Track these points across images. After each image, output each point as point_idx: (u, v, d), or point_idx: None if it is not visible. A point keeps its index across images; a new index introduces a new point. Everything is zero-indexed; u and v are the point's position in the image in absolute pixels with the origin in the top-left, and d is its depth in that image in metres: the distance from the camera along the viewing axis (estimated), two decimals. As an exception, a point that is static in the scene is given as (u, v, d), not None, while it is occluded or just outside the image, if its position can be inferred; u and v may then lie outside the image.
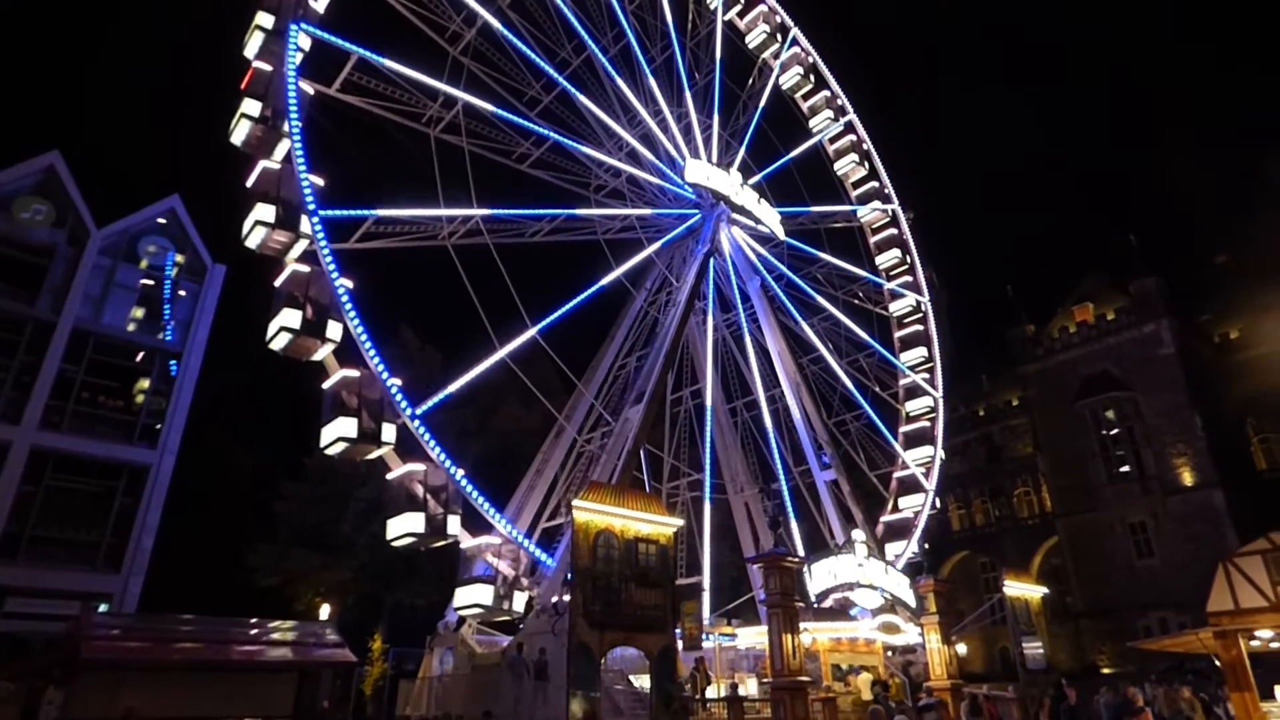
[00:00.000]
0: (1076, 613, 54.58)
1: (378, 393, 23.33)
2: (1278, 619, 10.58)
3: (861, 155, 45.55)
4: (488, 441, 42.52)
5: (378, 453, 23.43)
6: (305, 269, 23.24)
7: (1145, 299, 56.12)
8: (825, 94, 45.29)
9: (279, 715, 15.14)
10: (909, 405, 42.40)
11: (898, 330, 44.30)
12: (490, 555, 24.37)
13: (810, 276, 40.52)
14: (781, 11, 44.14)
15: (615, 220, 33.40)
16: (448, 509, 23.76)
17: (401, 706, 27.75)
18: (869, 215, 45.34)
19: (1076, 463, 56.27)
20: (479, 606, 24.09)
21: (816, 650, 26.83)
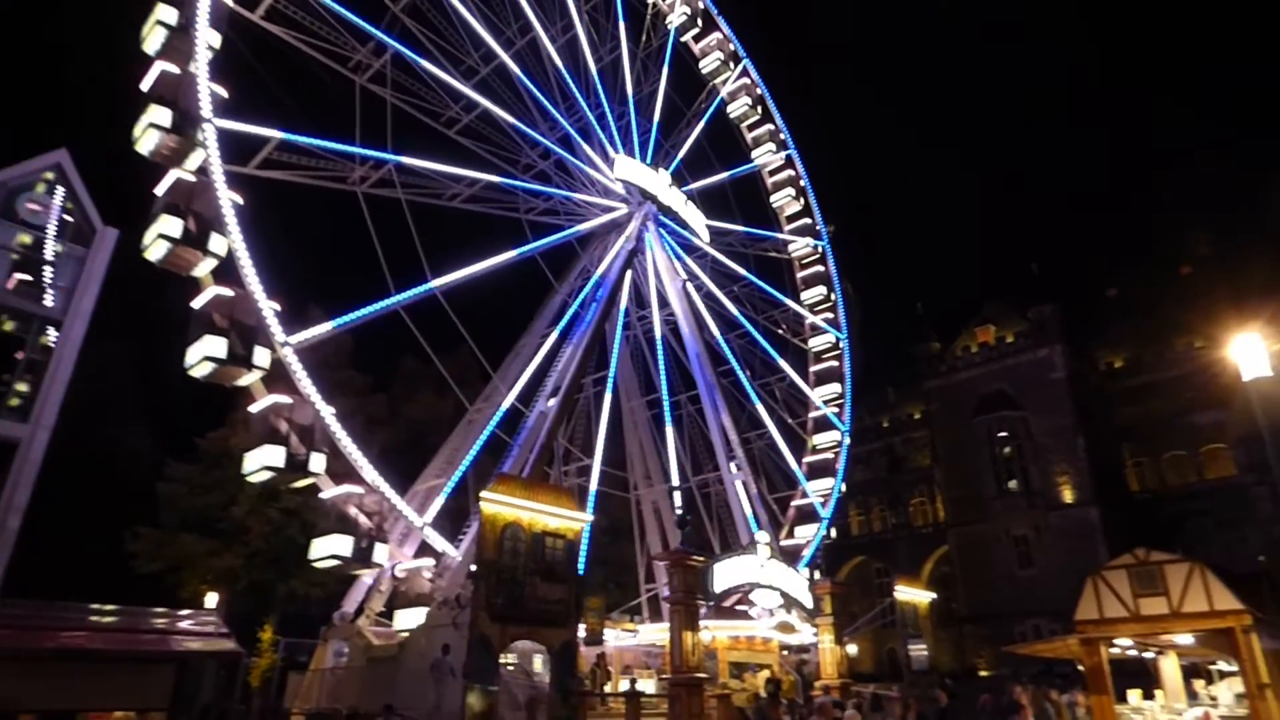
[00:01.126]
0: (960, 618, 57.54)
1: (252, 316, 22.40)
2: (1136, 628, 11.44)
3: (798, 190, 46.68)
4: (398, 431, 41.50)
5: (248, 378, 22.49)
6: (191, 178, 22.14)
7: (1042, 325, 59.60)
8: (770, 127, 46.39)
9: (155, 707, 14.36)
10: (817, 439, 43.30)
11: (814, 364, 45.27)
12: (351, 505, 23.58)
13: (732, 295, 41.16)
14: (735, 41, 45.11)
15: (539, 200, 33.08)
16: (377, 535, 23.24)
17: (291, 698, 26.77)
18: (800, 250, 46.45)
19: (970, 476, 59.28)
20: (336, 558, 23.24)
21: (715, 648, 27.38)
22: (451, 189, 29.73)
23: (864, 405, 62.20)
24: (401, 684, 22.03)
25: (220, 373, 21.96)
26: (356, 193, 26.58)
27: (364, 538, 23.07)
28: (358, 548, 22.85)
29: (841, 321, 45.99)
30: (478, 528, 22.05)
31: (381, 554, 23.54)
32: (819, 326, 45.00)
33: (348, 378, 39.46)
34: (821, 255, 46.56)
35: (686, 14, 43.84)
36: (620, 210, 36.38)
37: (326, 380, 27.61)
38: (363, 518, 23.40)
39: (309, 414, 22.73)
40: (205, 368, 21.65)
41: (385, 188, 27.24)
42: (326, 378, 30.71)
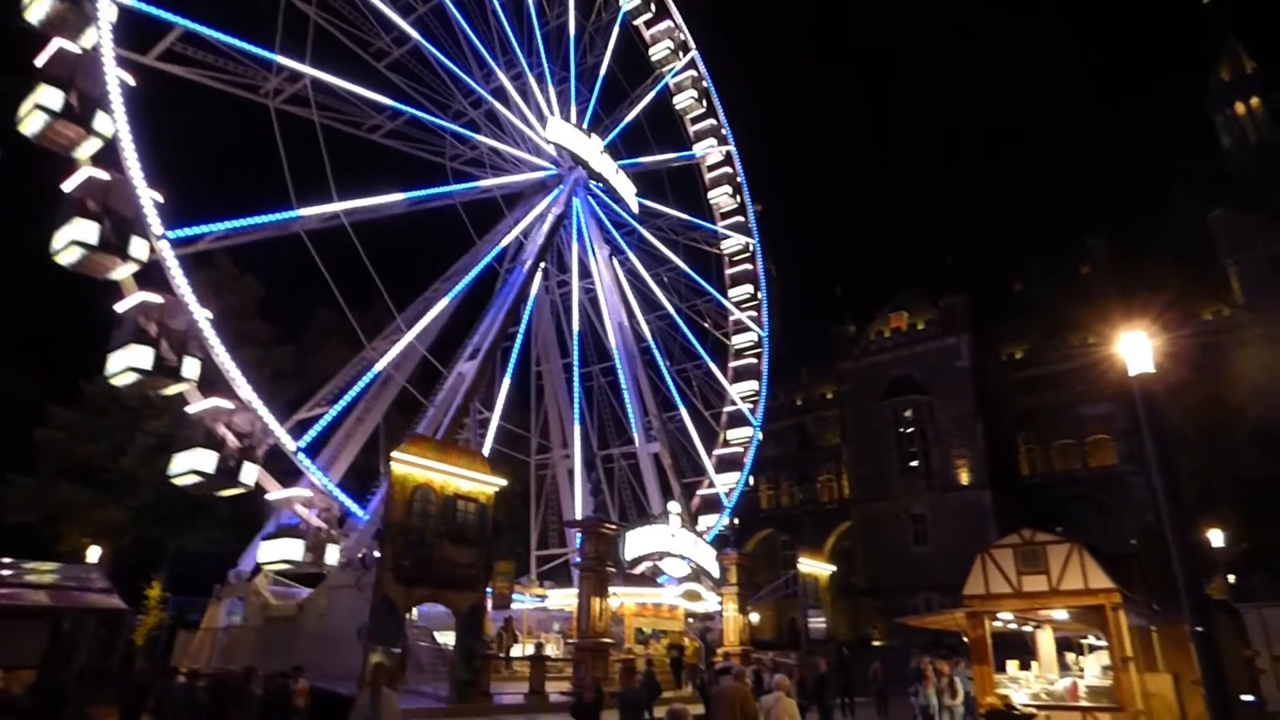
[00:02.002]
0: (858, 590, 60.22)
1: (184, 323, 21.15)
2: (1018, 604, 12.12)
3: (735, 188, 46.82)
4: (306, 384, 39.87)
5: (176, 389, 21.35)
6: (75, 50, 20.40)
7: (951, 314, 62.14)
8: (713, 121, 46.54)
9: (25, 665, 13.46)
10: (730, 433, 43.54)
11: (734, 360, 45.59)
12: (300, 507, 22.92)
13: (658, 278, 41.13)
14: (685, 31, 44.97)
15: (466, 147, 32.04)
16: (247, 455, 21.98)
17: (178, 658, 25.72)
18: (731, 248, 46.75)
19: (876, 456, 61.72)
20: (288, 562, 22.63)
21: (622, 614, 27.76)
22: (372, 119, 28.25)
23: (779, 383, 63.70)
24: (300, 645, 21.47)
25: (90, 261, 20.15)
26: (268, 106, 24.73)
27: (231, 456, 21.76)
28: (223, 464, 21.53)
29: (764, 320, 46.73)
30: (387, 488, 21.52)
31: (250, 474, 22.14)
32: (742, 323, 45.45)
33: (255, 328, 37.63)
34: (751, 254, 46.99)
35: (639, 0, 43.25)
36: (550, 171, 35.69)
37: (232, 330, 26.25)
38: (231, 437, 22.08)
39: (184, 318, 21.16)
40: (73, 253, 19.85)
41: (300, 105, 25.23)
42: (232, 327, 29.26)
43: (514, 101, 34.28)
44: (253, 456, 22.22)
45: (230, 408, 21.87)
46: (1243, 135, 63.30)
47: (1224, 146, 64.42)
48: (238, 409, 21.96)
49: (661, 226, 42.29)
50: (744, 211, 47.13)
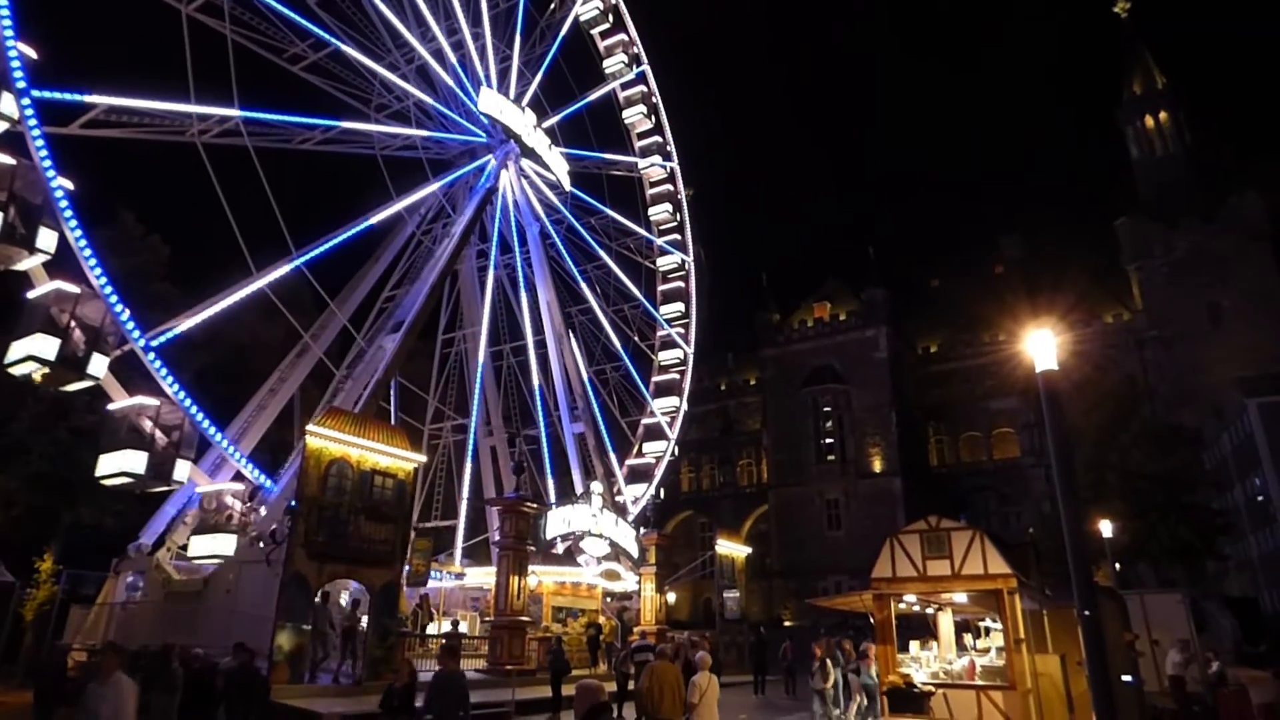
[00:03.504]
0: (772, 572, 62.02)
1: (98, 315, 19.89)
2: (922, 586, 12.71)
3: (650, 108, 46.59)
4: (216, 353, 38.15)
5: (83, 384, 20.18)
6: (9, 161, 18.92)
7: (872, 307, 64.14)
8: (622, 37, 45.39)
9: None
10: (662, 356, 45.07)
11: (661, 284, 46.51)
12: (145, 418, 21.49)
13: (589, 226, 41.18)
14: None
15: (396, 138, 31.21)
16: (179, 450, 21.08)
17: (71, 634, 24.42)
18: (649, 169, 46.68)
19: (794, 442, 63.43)
20: (128, 475, 21.03)
21: (541, 593, 27.85)
22: (295, 47, 27.26)
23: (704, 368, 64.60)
24: (204, 622, 20.70)
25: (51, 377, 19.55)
26: (196, 145, 23.74)
27: (161, 454, 20.92)
28: (153, 463, 20.69)
29: (688, 242, 47.03)
30: (300, 462, 20.86)
31: (182, 470, 21.39)
32: (671, 340, 45.74)
33: (162, 291, 35.67)
34: (670, 175, 46.98)
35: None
36: (481, 149, 34.93)
37: (137, 294, 24.89)
38: (159, 433, 21.22)
39: (99, 309, 20.19)
40: (28, 366, 19.14)
41: (230, 137, 24.53)
42: (137, 290, 27.72)
43: (450, 64, 33.35)
44: (182, 453, 21.30)
45: (155, 404, 20.86)
46: (1150, 147, 66.90)
47: (1133, 156, 67.99)
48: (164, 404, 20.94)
49: (594, 225, 42.05)
50: (682, 230, 47.22)
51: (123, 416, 20.78)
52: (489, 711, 17.58)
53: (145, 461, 20.58)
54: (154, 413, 20.95)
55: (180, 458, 21.40)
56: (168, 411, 21.18)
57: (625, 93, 45.96)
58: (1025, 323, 8.71)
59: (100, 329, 20.02)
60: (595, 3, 43.99)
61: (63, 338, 19.30)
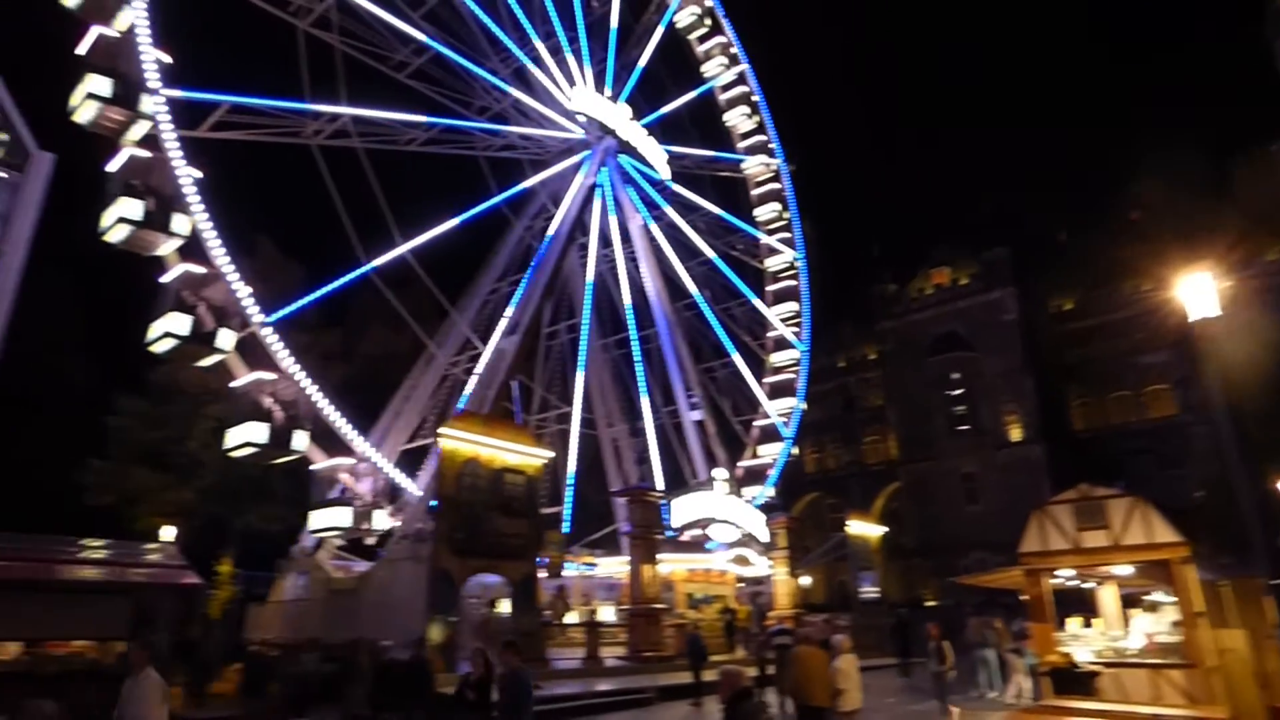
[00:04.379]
0: (909, 551, 59.88)
1: (222, 294, 21.81)
2: (1077, 560, 11.90)
3: (752, 107, 45.85)
4: (353, 366, 40.72)
5: (213, 359, 22.01)
6: (146, 154, 21.05)
7: (995, 268, 60.59)
8: (721, 40, 44.98)
9: (111, 637, 14.27)
10: (775, 357, 44.17)
11: (771, 284, 45.67)
12: (345, 475, 23.56)
13: (693, 224, 40.93)
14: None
15: (497, 138, 32.18)
16: (296, 423, 22.73)
17: (251, 629, 26.86)
18: (754, 168, 45.94)
19: (922, 415, 60.92)
20: (251, 445, 22.95)
21: (673, 580, 28.11)
22: (407, 134, 28.76)
23: (820, 346, 63.03)
24: (362, 616, 22.20)
25: (136, 237, 21.18)
26: (311, 147, 25.60)
27: (280, 426, 22.60)
28: (274, 434, 22.42)
29: (797, 240, 46.09)
30: (437, 464, 21.98)
31: (300, 441, 23.06)
32: (774, 247, 45.01)
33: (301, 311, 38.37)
34: (776, 173, 46.17)
35: None
36: (579, 146, 35.47)
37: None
38: (359, 485, 23.32)
39: (293, 390, 22.36)
40: (166, 344, 21.22)
41: (341, 138, 26.33)
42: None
43: (535, 80, 34.13)
44: (302, 425, 22.98)
45: (272, 378, 22.54)
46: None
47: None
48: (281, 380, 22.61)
49: (688, 166, 41.79)
50: (764, 130, 46.14)
51: (245, 393, 22.55)
52: (631, 697, 17.96)
53: (267, 432, 22.23)
54: (272, 388, 22.59)
55: (298, 429, 22.89)
56: (284, 387, 22.78)
57: (726, 95, 45.48)
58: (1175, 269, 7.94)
59: (225, 308, 21.92)
60: (692, 7, 43.75)
61: (193, 315, 21.26)
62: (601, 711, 16.71)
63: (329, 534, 24.15)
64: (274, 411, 22.25)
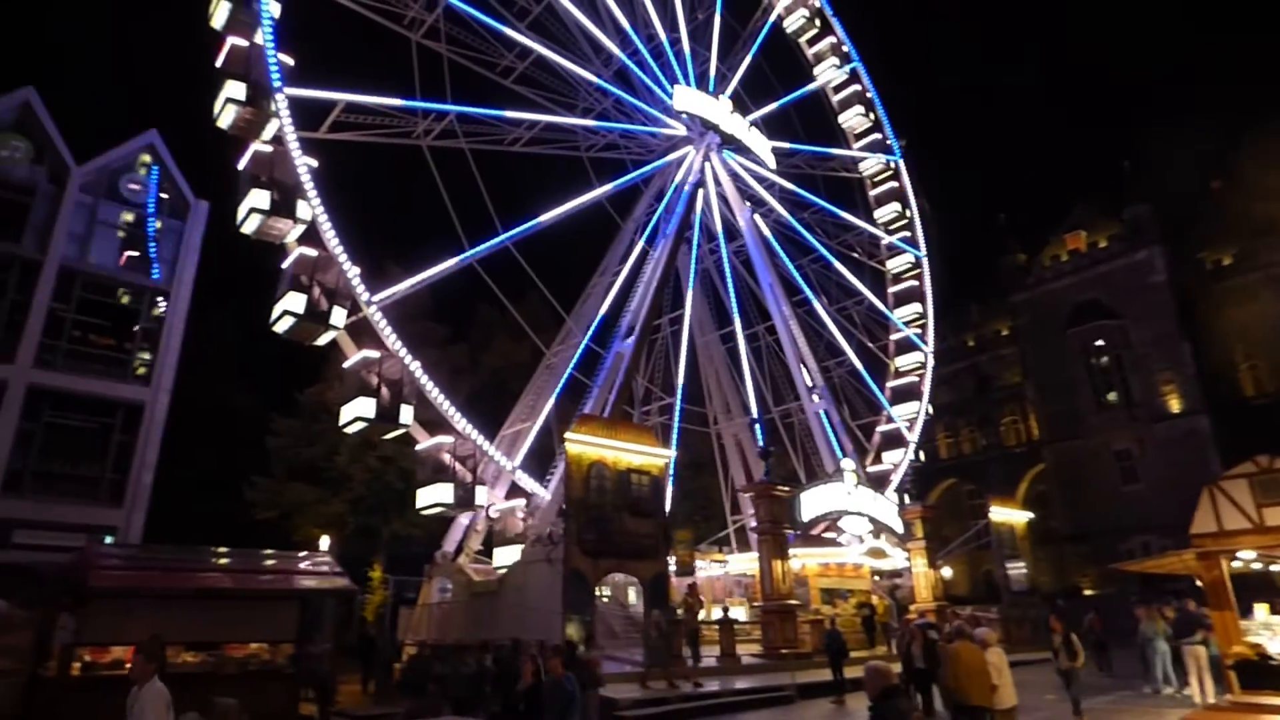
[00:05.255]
0: (1061, 537, 56.06)
1: (335, 277, 23.33)
2: (1260, 540, 10.83)
3: (867, 105, 44.50)
4: (480, 378, 42.61)
5: (327, 336, 23.46)
6: (268, 149, 22.95)
7: (1138, 226, 55.81)
8: (831, 40, 43.97)
9: (282, 639, 15.56)
10: (899, 361, 42.37)
11: (893, 285, 44.01)
12: (445, 454, 24.67)
13: (803, 221, 40.04)
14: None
15: (599, 137, 32.74)
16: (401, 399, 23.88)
17: (403, 632, 28.57)
18: (872, 167, 44.50)
19: (1065, 391, 56.91)
20: (440, 505, 24.58)
21: (805, 575, 27.61)
22: (512, 134, 29.72)
23: (947, 324, 60.13)
24: (503, 617, 23.12)
25: (299, 329, 22.95)
26: (421, 146, 26.99)
27: (463, 484, 24.11)
28: (459, 493, 23.98)
29: (919, 239, 44.22)
30: (564, 468, 22.59)
31: (481, 496, 24.69)
32: (896, 246, 43.31)
33: (428, 329, 40.48)
34: (894, 171, 44.55)
35: None
36: (682, 142, 35.52)
37: (409, 333, 28.46)
38: (458, 465, 24.44)
39: (397, 367, 23.57)
40: (286, 322, 22.78)
41: (448, 139, 27.52)
42: (409, 330, 31.69)
43: (637, 80, 34.54)
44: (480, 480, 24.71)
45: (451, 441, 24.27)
46: None
47: None
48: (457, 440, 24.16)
49: (797, 164, 40.94)
50: (880, 128, 44.59)
51: (428, 454, 24.28)
52: (770, 695, 17.77)
53: (453, 492, 24.08)
54: (451, 448, 24.20)
55: (478, 485, 24.73)
56: (462, 445, 24.27)
57: (839, 95, 44.42)
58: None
59: (337, 289, 23.45)
60: (800, 11, 43.12)
61: (307, 294, 22.86)
62: (742, 710, 16.63)
63: (434, 510, 25.28)
64: (455, 469, 23.93)
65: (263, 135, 23.34)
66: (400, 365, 23.66)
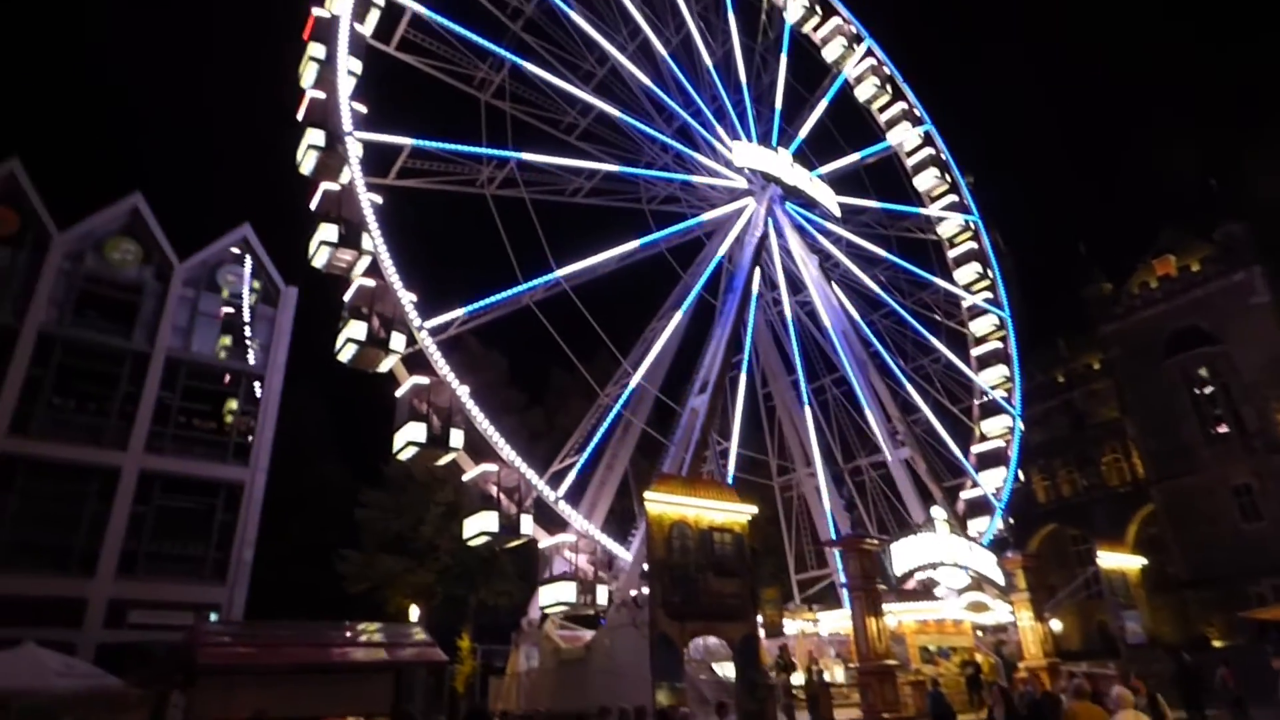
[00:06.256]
0: (1180, 583, 51.97)
1: (446, 397, 24.03)
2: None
3: (942, 168, 44.31)
4: (557, 441, 43.07)
5: (447, 458, 24.08)
6: (371, 283, 24.10)
7: (1232, 246, 52.93)
8: (903, 105, 44.47)
9: (378, 712, 15.79)
10: (985, 425, 40.78)
11: (975, 347, 42.87)
12: (568, 551, 24.83)
13: (862, 225, 39.76)
14: (856, 23, 43.83)
15: (659, 188, 33.41)
16: (521, 508, 24.26)
17: (493, 701, 28.55)
18: (950, 230, 44.01)
19: (1169, 424, 53.56)
20: (563, 604, 24.61)
21: (902, 633, 26.40)
22: (573, 184, 30.57)
23: (1034, 361, 57.79)
24: (591, 684, 22.85)
25: (422, 455, 23.87)
26: (485, 195, 28.10)
27: (508, 513, 24.07)
28: (504, 522, 23.94)
29: (1003, 299, 43.11)
30: (645, 528, 22.46)
31: (527, 525, 24.52)
32: (978, 307, 42.07)
33: (508, 397, 41.49)
34: (974, 231, 43.66)
35: (804, 6, 43.01)
36: (744, 198, 35.88)
37: (490, 400, 29.14)
38: (581, 559, 24.76)
39: (447, 395, 24.12)
40: (409, 451, 23.66)
41: (510, 188, 28.51)
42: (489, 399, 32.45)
43: (698, 135, 35.20)
44: (525, 510, 24.55)
45: (495, 469, 24.34)
46: None
47: None
48: (503, 469, 24.37)
49: (868, 222, 40.66)
50: (956, 190, 44.02)
51: (474, 484, 24.35)
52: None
53: (497, 520, 23.89)
54: (496, 478, 24.24)
55: (524, 512, 24.46)
56: (507, 474, 24.33)
57: (912, 159, 44.58)
58: None
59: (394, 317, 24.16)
60: (871, 80, 43.85)
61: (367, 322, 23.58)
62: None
63: (557, 608, 25.35)
64: (500, 498, 24.13)
65: (339, 178, 24.87)
66: (450, 393, 24.09)
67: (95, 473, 27.11)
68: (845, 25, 43.75)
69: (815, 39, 44.10)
